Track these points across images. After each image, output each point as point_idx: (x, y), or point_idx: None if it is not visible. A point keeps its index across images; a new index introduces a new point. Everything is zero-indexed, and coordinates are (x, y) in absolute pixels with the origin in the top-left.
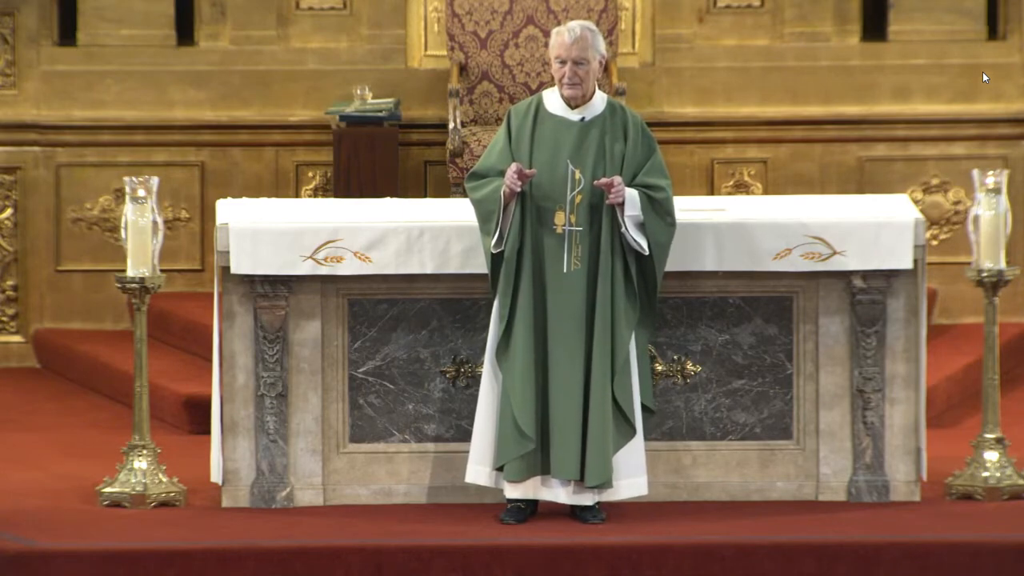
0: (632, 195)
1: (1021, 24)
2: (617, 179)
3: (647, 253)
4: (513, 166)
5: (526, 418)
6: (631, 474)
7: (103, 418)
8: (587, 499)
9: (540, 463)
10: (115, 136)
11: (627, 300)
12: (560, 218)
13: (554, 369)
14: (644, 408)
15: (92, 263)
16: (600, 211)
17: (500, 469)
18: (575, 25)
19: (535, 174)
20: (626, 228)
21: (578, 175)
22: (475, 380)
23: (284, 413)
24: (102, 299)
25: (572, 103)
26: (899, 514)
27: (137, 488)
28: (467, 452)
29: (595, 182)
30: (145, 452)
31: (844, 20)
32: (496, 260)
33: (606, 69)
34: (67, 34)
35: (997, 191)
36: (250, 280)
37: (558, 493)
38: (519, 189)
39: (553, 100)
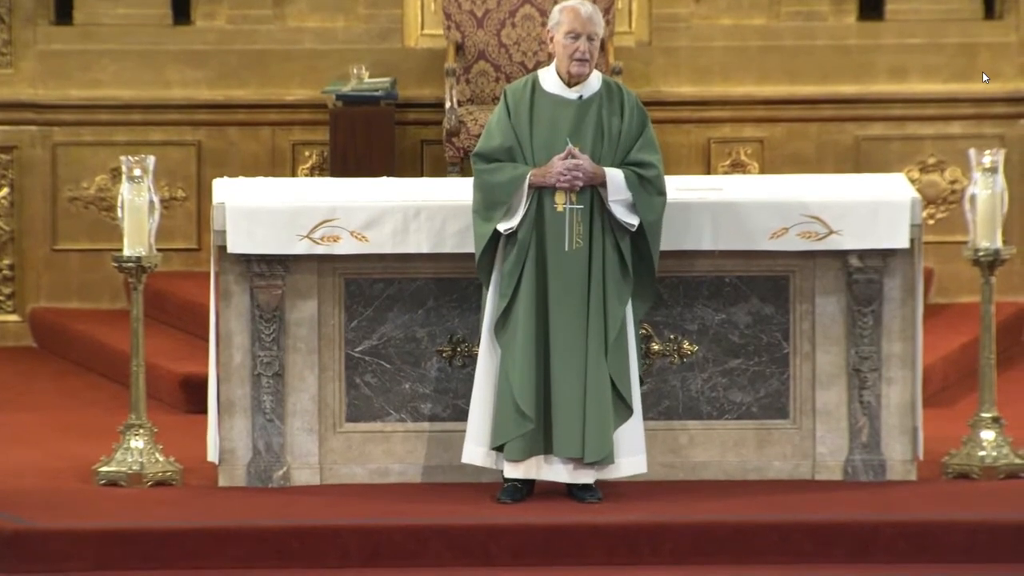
0: (617, 180)
1: (1018, 3)
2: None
3: (634, 230)
4: (561, 164)
5: (526, 398)
6: (631, 452)
7: (100, 398)
8: (588, 477)
9: (541, 442)
10: (112, 115)
11: (620, 276)
12: (560, 197)
13: (555, 348)
14: None
15: (89, 242)
16: (597, 189)
17: (497, 449)
18: (584, 1)
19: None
20: (611, 209)
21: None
22: (471, 360)
23: (280, 392)
24: (99, 278)
25: (574, 81)
26: (895, 493)
27: (134, 467)
28: (463, 432)
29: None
30: (142, 431)
31: None
32: (490, 242)
33: (602, 48)
34: (63, 13)
35: (994, 170)
36: (246, 259)
37: (559, 472)
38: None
39: (549, 79)
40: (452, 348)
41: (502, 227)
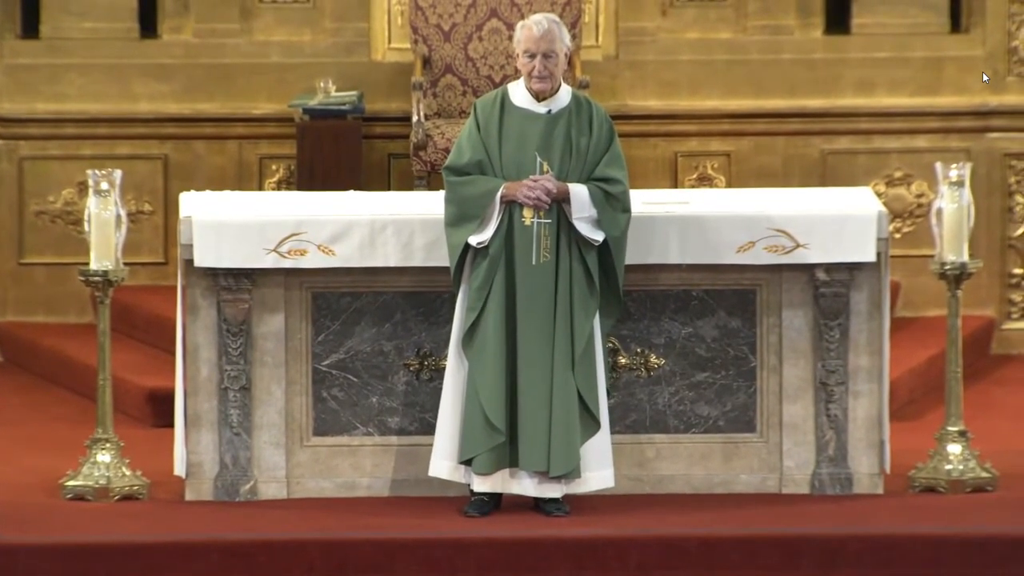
0: (581, 197)
1: (984, 17)
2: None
3: (598, 244)
4: (539, 186)
5: (495, 411)
6: (599, 466)
7: (67, 412)
8: (555, 491)
9: (508, 456)
10: (78, 129)
11: (587, 290)
12: (528, 211)
13: (523, 361)
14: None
15: (55, 256)
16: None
17: (465, 463)
18: (541, 18)
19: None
20: (575, 225)
21: (546, 167)
22: (439, 373)
23: (248, 406)
24: (65, 292)
25: (540, 96)
26: (862, 507)
27: (100, 481)
28: (431, 445)
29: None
30: (108, 445)
31: (807, 13)
32: (463, 255)
33: (569, 62)
34: (30, 27)
35: (960, 184)
36: (213, 273)
37: (526, 486)
38: (547, 207)
39: (519, 93)
40: (419, 362)
41: (474, 240)
